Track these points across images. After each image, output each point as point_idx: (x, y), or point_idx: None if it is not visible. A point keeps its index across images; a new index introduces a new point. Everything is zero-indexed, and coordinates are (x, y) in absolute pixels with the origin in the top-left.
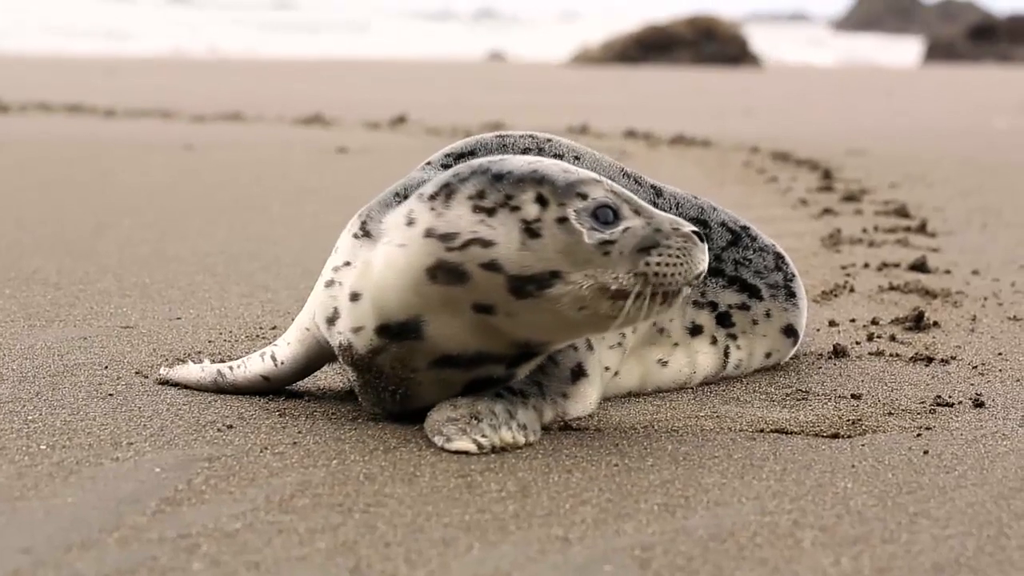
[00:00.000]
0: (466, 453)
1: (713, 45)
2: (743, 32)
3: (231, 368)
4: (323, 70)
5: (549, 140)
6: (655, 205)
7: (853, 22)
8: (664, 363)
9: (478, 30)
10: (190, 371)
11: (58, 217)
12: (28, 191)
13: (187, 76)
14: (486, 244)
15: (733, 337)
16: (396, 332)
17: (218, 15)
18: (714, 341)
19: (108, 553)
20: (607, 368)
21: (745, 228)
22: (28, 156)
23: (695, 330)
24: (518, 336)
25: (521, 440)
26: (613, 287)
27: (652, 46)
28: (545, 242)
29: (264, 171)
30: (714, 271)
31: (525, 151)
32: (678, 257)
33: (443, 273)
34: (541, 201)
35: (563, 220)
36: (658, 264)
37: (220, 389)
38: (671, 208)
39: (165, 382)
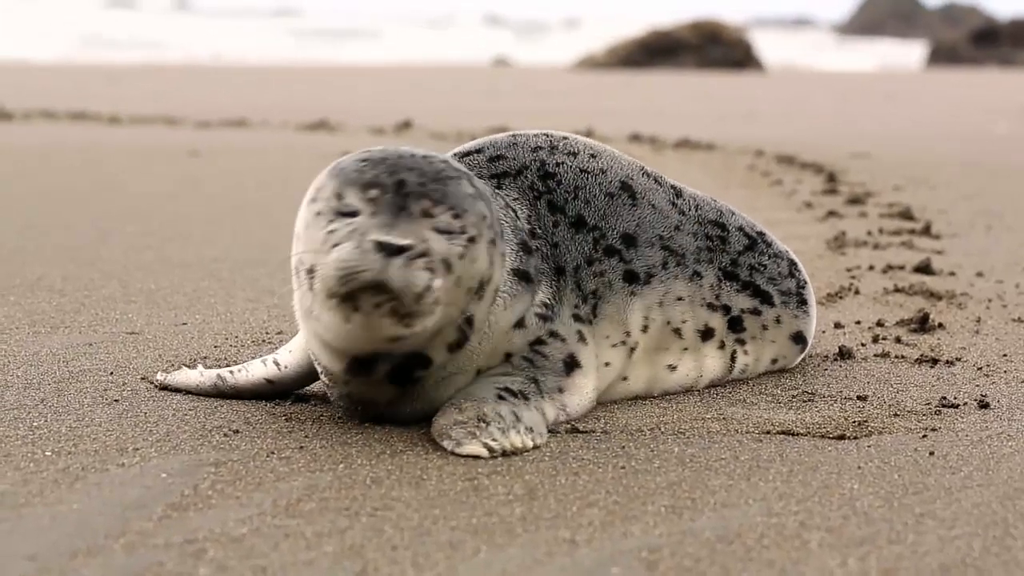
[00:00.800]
0: (476, 457)
1: (717, 50)
2: (747, 37)
3: (231, 372)
4: (328, 76)
5: (565, 138)
6: (674, 206)
7: (856, 27)
8: (673, 368)
9: (483, 35)
10: (188, 376)
11: (63, 224)
12: (32, 198)
13: (191, 82)
14: None
15: (741, 343)
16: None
17: (223, 22)
18: (722, 346)
19: (114, 559)
20: (608, 364)
21: (761, 234)
22: (32, 163)
23: (707, 333)
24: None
25: (530, 443)
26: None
27: (657, 51)
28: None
29: (269, 177)
30: (729, 275)
31: (536, 149)
32: (348, 256)
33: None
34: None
35: (318, 213)
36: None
37: (220, 393)
38: (691, 209)
39: (164, 387)
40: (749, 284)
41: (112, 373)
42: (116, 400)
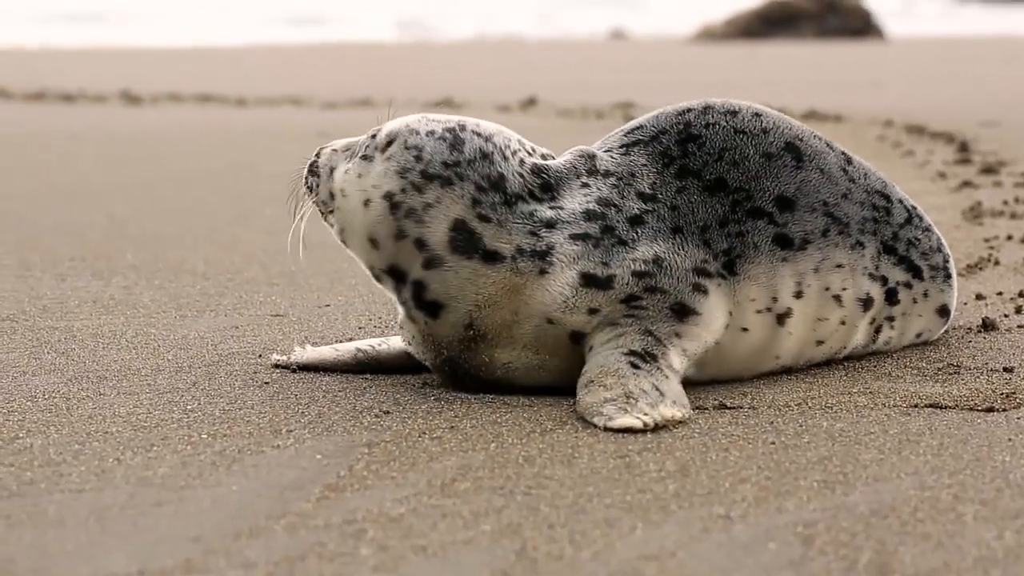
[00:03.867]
0: (630, 430)
1: (836, 18)
2: (866, 4)
3: (372, 346)
4: (448, 53)
5: (758, 115)
6: (844, 172)
7: None
8: (820, 342)
9: (597, 6)
10: (323, 352)
11: (199, 208)
12: (166, 183)
13: (314, 63)
14: None
15: (890, 318)
16: None
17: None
18: (873, 320)
19: (277, 540)
20: (745, 330)
21: (914, 207)
22: (163, 148)
23: (867, 303)
24: None
25: (679, 415)
26: None
27: (775, 21)
28: None
29: None
30: (888, 248)
31: (685, 112)
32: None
33: None
34: None
35: None
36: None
37: (361, 365)
38: (860, 177)
39: (303, 367)
40: (905, 259)
41: (260, 355)
42: (266, 382)
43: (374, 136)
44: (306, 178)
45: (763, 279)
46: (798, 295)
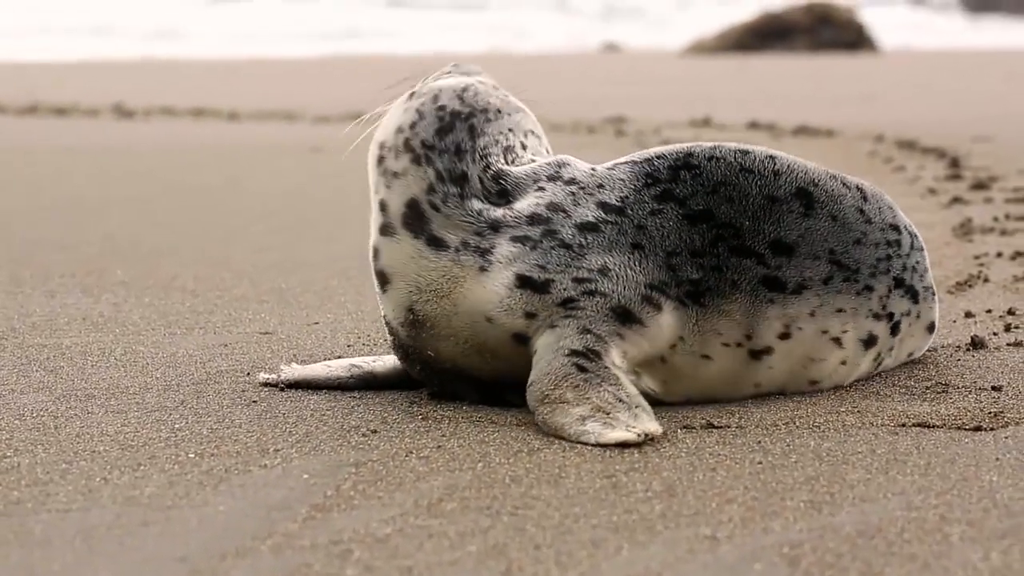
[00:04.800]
0: (625, 444)
1: (830, 31)
2: (859, 17)
3: (367, 362)
4: (437, 67)
5: (772, 157)
6: (861, 213)
7: (972, 3)
8: (815, 382)
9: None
10: (315, 370)
11: (191, 223)
12: (159, 198)
13: (305, 76)
14: None
15: (891, 348)
16: None
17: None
18: (877, 355)
19: (263, 561)
20: (707, 357)
21: (909, 226)
22: (155, 161)
23: (870, 342)
24: None
25: (659, 430)
26: None
27: (768, 34)
28: None
29: None
30: (898, 282)
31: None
32: None
33: None
34: None
35: None
36: None
37: (353, 379)
38: (875, 214)
39: (291, 385)
40: (910, 288)
41: (248, 374)
42: (254, 401)
43: (431, 81)
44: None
45: (738, 316)
46: (784, 336)
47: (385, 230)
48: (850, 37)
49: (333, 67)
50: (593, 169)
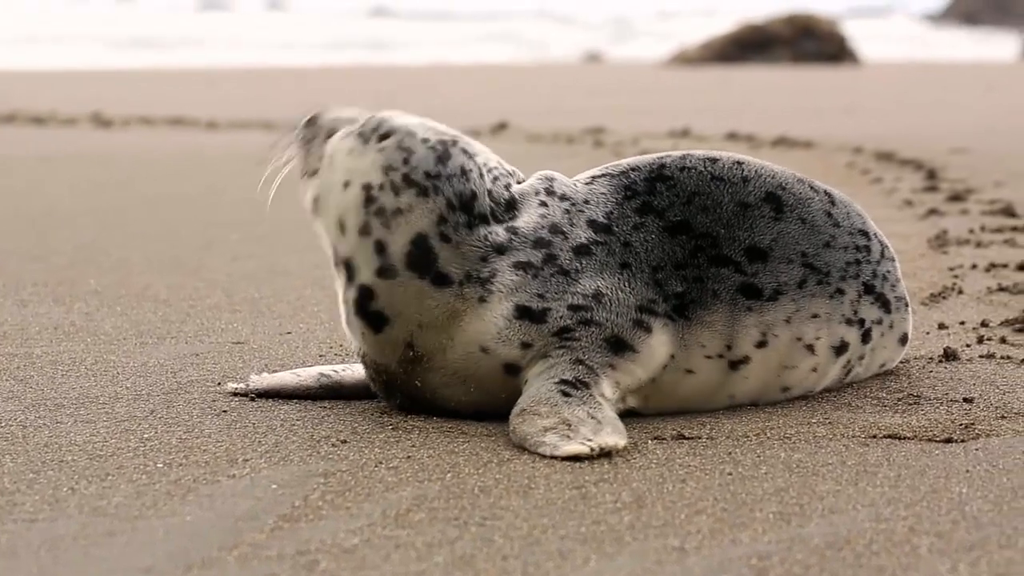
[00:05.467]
0: (577, 458)
1: (811, 43)
2: (841, 29)
3: (336, 371)
4: (420, 75)
5: (739, 163)
6: (829, 217)
7: (951, 16)
8: (787, 388)
9: (571, 31)
10: (284, 379)
11: (166, 233)
12: (135, 207)
13: (283, 85)
14: None
15: (861, 357)
16: None
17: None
18: (847, 363)
19: (228, 571)
20: (691, 372)
21: (878, 234)
22: (133, 171)
23: (841, 348)
24: None
25: (621, 443)
26: None
27: (750, 45)
28: None
29: None
30: (868, 288)
31: (665, 155)
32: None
33: None
34: None
35: None
36: None
37: (324, 390)
38: (844, 218)
39: (261, 394)
40: (880, 296)
41: (219, 383)
42: (224, 411)
43: (378, 124)
44: (304, 128)
45: (719, 326)
46: (761, 344)
47: (385, 272)
48: (832, 49)
49: (312, 77)
50: (576, 183)
